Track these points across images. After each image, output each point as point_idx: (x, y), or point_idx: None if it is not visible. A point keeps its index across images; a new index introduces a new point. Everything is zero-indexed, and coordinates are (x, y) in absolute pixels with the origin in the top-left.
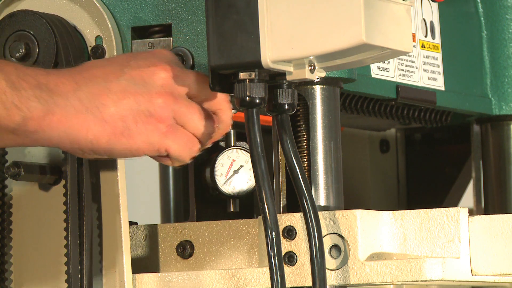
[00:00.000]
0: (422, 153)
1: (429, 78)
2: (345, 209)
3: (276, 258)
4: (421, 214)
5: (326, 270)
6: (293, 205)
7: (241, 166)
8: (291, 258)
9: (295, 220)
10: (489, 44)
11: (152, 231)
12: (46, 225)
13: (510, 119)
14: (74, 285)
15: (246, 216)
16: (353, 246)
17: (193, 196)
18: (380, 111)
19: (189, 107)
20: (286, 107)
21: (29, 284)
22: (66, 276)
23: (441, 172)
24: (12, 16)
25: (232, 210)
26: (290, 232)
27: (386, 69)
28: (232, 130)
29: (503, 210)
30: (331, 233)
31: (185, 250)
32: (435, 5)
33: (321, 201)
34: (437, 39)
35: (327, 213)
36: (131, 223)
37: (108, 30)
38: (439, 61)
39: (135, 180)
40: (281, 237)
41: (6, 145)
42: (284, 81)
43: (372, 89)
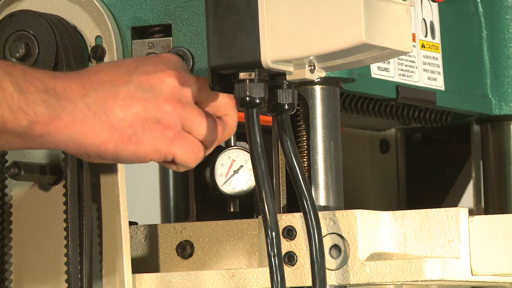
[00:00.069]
0: (422, 153)
1: (429, 78)
2: (345, 209)
3: (276, 258)
4: (421, 214)
5: (326, 270)
6: (293, 205)
7: (241, 166)
8: (291, 258)
9: (295, 220)
10: (489, 44)
11: (152, 231)
12: (46, 225)
13: (510, 119)
14: (74, 285)
15: (246, 216)
16: (353, 246)
17: (193, 196)
18: (380, 111)
19: (196, 114)
20: (286, 107)
21: (29, 284)
22: (66, 276)
23: (441, 172)
24: (12, 16)
25: (232, 210)
26: (290, 232)
27: (386, 69)
28: None
29: (503, 210)
30: (331, 233)
31: (185, 250)
32: (435, 5)
33: (321, 201)
34: (437, 39)
35: (327, 213)
36: (131, 223)
37: (108, 30)
38: (439, 61)
39: (135, 180)
40: (281, 237)
41: (13, 148)
42: (284, 81)
43: (372, 89)
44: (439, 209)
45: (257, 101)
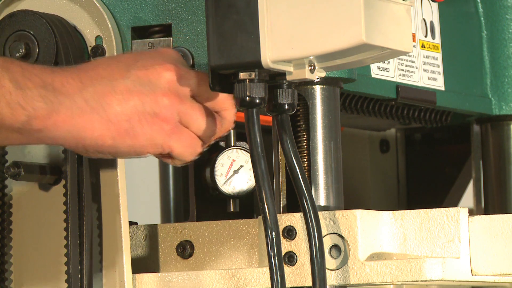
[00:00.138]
0: (422, 153)
1: (429, 78)
2: (345, 209)
3: (276, 258)
4: (421, 214)
5: (326, 270)
6: (293, 205)
7: (241, 166)
8: (291, 258)
9: (295, 220)
10: (489, 44)
11: (152, 231)
12: (46, 225)
13: (510, 119)
14: (74, 285)
15: (246, 216)
16: (353, 246)
17: (193, 196)
18: (380, 111)
19: (194, 108)
20: (286, 107)
21: (29, 284)
22: (66, 276)
23: (441, 172)
24: (12, 16)
25: (232, 210)
26: (290, 232)
27: (386, 69)
28: (232, 130)
29: (503, 210)
30: (331, 233)
31: (185, 250)
32: (435, 5)
33: (321, 201)
34: (437, 39)
35: (327, 213)
36: (131, 223)
37: (108, 30)
38: (439, 61)
39: (135, 180)
40: (281, 237)
41: (11, 144)
42: (284, 81)
43: (372, 89)
44: (439, 209)
45: (257, 101)
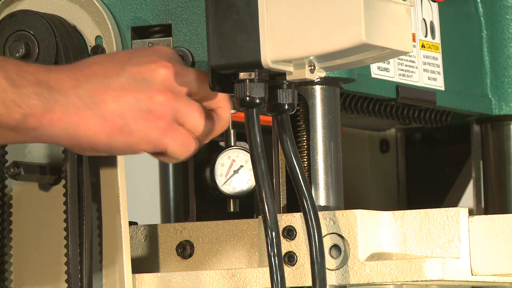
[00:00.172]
0: (422, 153)
1: (429, 78)
2: (345, 209)
3: (276, 258)
4: (421, 214)
5: (326, 270)
6: (293, 205)
7: (241, 166)
8: (291, 258)
9: (295, 220)
10: (489, 44)
11: (152, 231)
12: (46, 225)
13: (510, 119)
14: (74, 285)
15: (246, 216)
16: (353, 246)
17: (193, 196)
18: (380, 111)
19: (189, 105)
20: (286, 107)
21: (29, 284)
22: (66, 276)
23: (441, 172)
24: (12, 16)
25: (232, 210)
26: (290, 232)
27: (386, 69)
28: (232, 130)
29: (503, 210)
30: (331, 233)
31: (185, 250)
32: (435, 5)
33: (321, 201)
34: (437, 39)
35: (327, 213)
36: (131, 223)
37: (108, 30)
38: (439, 61)
39: (135, 180)
40: (281, 237)
41: (6, 142)
42: (284, 81)
43: (372, 89)
44: (439, 209)
45: (257, 101)
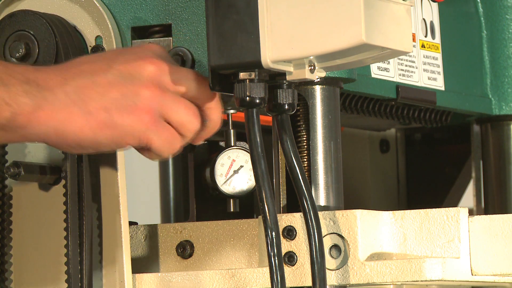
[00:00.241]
0: (422, 153)
1: (429, 78)
2: (345, 209)
3: (276, 258)
4: (421, 214)
5: (326, 270)
6: (293, 205)
7: (241, 166)
8: (291, 258)
9: (295, 220)
10: (489, 44)
11: (152, 231)
12: (46, 225)
13: (510, 119)
14: (74, 285)
15: (246, 216)
16: (353, 246)
17: (193, 196)
18: (380, 111)
19: (176, 101)
20: (286, 107)
21: (29, 284)
22: (66, 276)
23: (441, 172)
24: (12, 16)
25: (232, 210)
26: (290, 232)
27: (386, 69)
28: (232, 130)
29: (503, 210)
30: (331, 233)
31: (185, 250)
32: (435, 5)
33: (321, 201)
34: (437, 39)
35: (327, 213)
36: (131, 223)
37: (108, 30)
38: (439, 61)
39: (135, 180)
40: (281, 237)
41: None
42: (284, 81)
43: (372, 89)
44: (439, 209)
45: (257, 101)
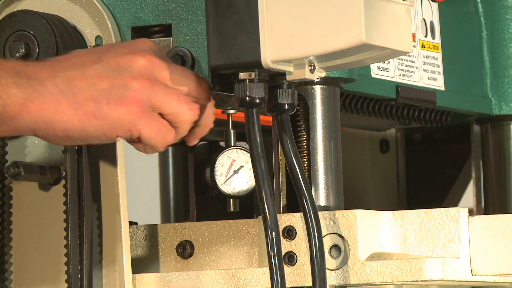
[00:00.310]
0: (422, 153)
1: (429, 78)
2: (345, 209)
3: (276, 258)
4: (421, 214)
5: (326, 270)
6: (293, 205)
7: (241, 166)
8: (291, 258)
9: (295, 220)
10: (489, 44)
11: (152, 231)
12: (46, 225)
13: (510, 119)
14: (74, 285)
15: (246, 216)
16: (353, 246)
17: (193, 196)
18: (380, 111)
19: (166, 92)
20: (286, 107)
21: (29, 284)
22: (66, 276)
23: (441, 172)
24: (12, 16)
25: (232, 210)
26: (290, 232)
27: (386, 69)
28: (232, 130)
29: (503, 210)
30: (331, 233)
31: (185, 250)
32: (435, 5)
33: (321, 201)
34: (437, 39)
35: (327, 213)
36: (131, 223)
37: (108, 30)
38: (439, 61)
39: (135, 180)
40: (281, 237)
41: None
42: (284, 81)
43: (372, 89)
44: (439, 209)
45: (257, 101)
